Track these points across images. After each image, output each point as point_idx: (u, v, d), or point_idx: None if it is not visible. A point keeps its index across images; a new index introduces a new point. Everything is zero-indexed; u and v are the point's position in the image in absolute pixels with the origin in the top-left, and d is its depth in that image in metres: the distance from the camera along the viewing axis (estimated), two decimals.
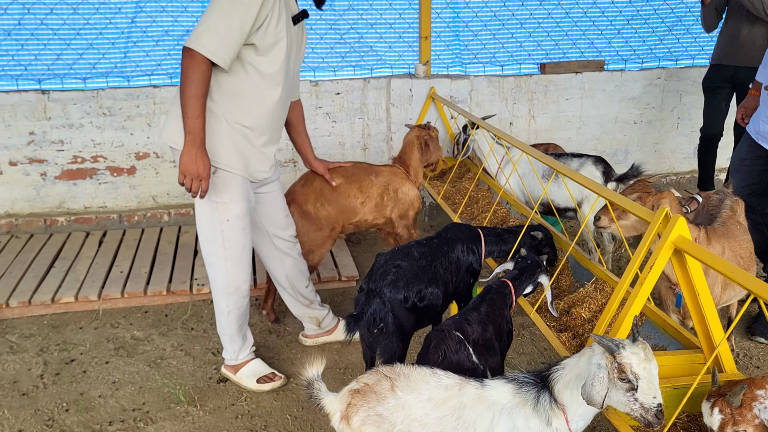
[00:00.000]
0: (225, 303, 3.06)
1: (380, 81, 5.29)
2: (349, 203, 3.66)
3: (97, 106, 4.90)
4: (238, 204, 2.84)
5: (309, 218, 3.54)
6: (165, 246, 4.78)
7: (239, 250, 2.94)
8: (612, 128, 5.81)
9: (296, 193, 3.56)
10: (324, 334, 3.65)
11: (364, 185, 3.70)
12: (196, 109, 2.52)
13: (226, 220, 2.84)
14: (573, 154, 4.32)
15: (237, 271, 2.98)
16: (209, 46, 2.48)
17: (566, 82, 5.60)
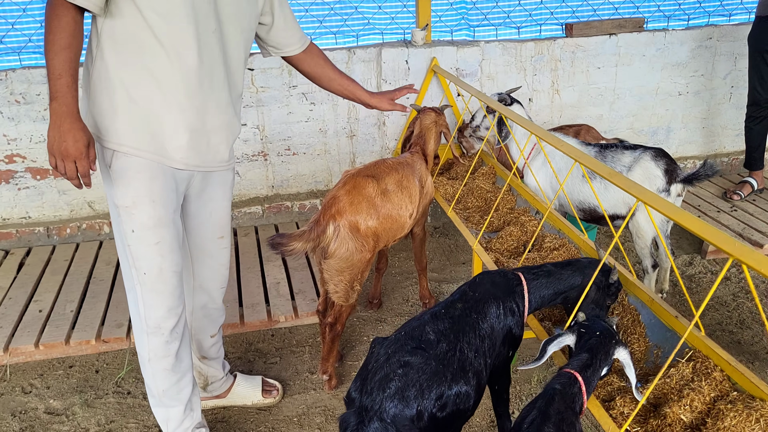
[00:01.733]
0: (144, 347, 2.27)
1: (369, 51, 4.31)
2: (400, 216, 2.91)
3: (8, 91, 3.90)
4: (144, 207, 2.10)
5: (358, 236, 2.71)
6: (102, 269, 3.86)
7: (154, 274, 2.17)
8: (652, 102, 4.87)
9: (341, 201, 2.70)
10: (212, 398, 2.86)
11: (413, 192, 2.97)
12: (56, 66, 1.88)
13: (130, 231, 2.12)
14: (626, 146, 3.40)
15: (154, 302, 2.20)
16: None
17: (598, 46, 4.63)
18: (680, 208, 1.92)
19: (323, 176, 4.56)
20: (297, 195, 4.55)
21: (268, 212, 4.47)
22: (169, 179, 2.14)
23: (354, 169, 2.89)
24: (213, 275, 2.54)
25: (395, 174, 2.93)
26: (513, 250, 3.14)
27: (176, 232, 2.21)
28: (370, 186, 2.77)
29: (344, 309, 2.84)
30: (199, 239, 2.44)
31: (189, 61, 2.02)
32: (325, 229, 2.63)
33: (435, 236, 4.51)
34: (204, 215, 2.39)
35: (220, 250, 2.50)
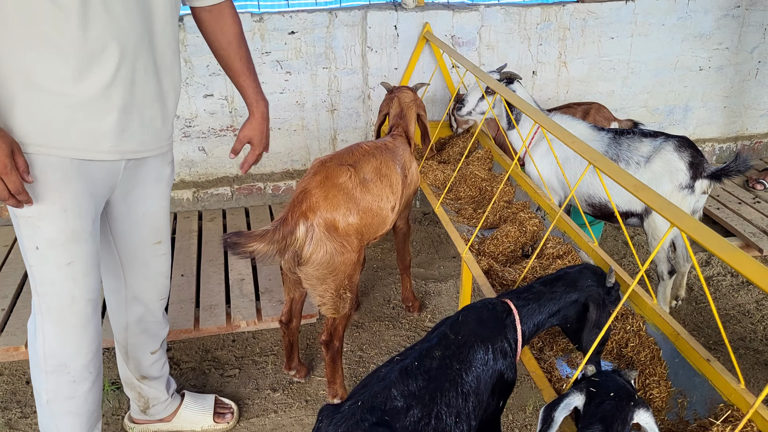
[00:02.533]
0: (43, 386, 1.90)
1: (353, 14, 3.82)
2: (381, 209, 2.48)
3: None
4: (53, 219, 1.71)
5: (336, 235, 2.26)
6: None
7: (64, 303, 1.80)
8: (669, 77, 4.39)
9: (314, 195, 2.25)
10: (155, 422, 2.48)
11: (395, 181, 2.54)
12: None
13: (34, 248, 1.74)
14: (644, 132, 2.95)
15: (59, 336, 1.83)
16: None
17: (612, 13, 4.14)
18: (695, 220, 1.50)
19: (300, 155, 4.11)
20: (271, 175, 4.11)
21: (237, 194, 4.03)
22: (88, 180, 1.75)
23: (325, 156, 2.45)
24: (149, 286, 2.16)
25: (373, 160, 2.48)
26: (509, 255, 2.72)
27: (94, 249, 1.83)
28: (346, 175, 2.32)
29: (338, 321, 2.43)
30: (131, 246, 2.06)
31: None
32: (294, 230, 2.18)
33: (423, 224, 4.08)
34: (135, 218, 2.01)
35: (156, 257, 2.13)
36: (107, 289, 2.17)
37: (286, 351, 2.70)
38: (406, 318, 3.18)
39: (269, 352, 2.95)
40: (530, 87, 4.23)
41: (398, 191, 2.55)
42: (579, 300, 1.85)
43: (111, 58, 1.63)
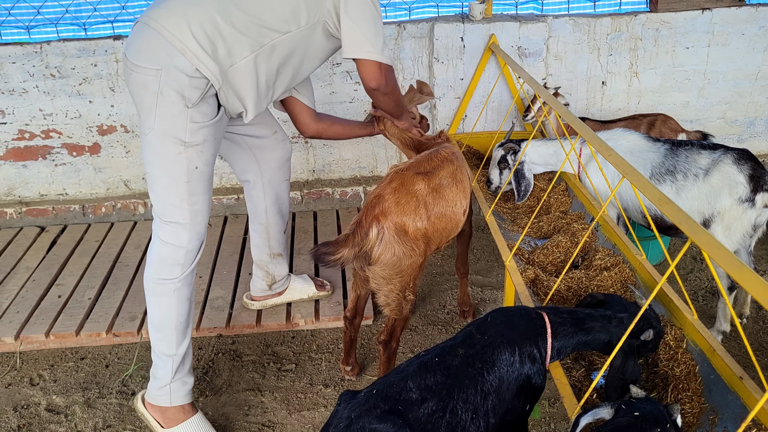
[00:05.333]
0: (175, 275, 2.42)
1: (420, 26, 3.93)
2: (455, 213, 2.58)
3: (43, 65, 3.81)
4: (210, 144, 2.39)
5: (405, 239, 2.39)
6: (129, 253, 3.74)
7: (202, 207, 2.43)
8: (750, 88, 4.24)
9: (386, 200, 2.37)
10: (273, 296, 3.23)
11: (467, 185, 2.64)
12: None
13: (194, 168, 2.35)
14: (703, 144, 2.90)
15: (200, 228, 2.45)
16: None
17: (687, 23, 4.04)
18: (713, 238, 1.49)
19: (367, 162, 4.25)
20: (339, 181, 4.28)
21: (307, 198, 4.22)
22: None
23: (403, 164, 2.55)
24: (277, 169, 2.90)
25: (450, 166, 2.56)
26: (559, 265, 2.74)
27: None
28: (420, 183, 2.42)
29: (398, 323, 2.54)
30: (257, 141, 2.80)
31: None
32: (368, 232, 2.31)
33: (486, 232, 4.11)
34: (249, 123, 2.61)
35: (277, 144, 2.86)
36: (250, 185, 2.90)
37: (346, 346, 2.83)
38: (459, 324, 3.24)
39: (325, 350, 3.09)
40: (599, 98, 4.19)
41: (469, 194, 2.64)
42: (610, 342, 1.87)
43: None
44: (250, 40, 2.26)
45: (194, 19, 2.18)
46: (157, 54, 2.16)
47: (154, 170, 2.31)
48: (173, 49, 2.15)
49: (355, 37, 2.34)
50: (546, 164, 3.25)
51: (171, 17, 2.18)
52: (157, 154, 2.27)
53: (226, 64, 2.25)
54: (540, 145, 3.20)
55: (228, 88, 2.31)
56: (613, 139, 3.11)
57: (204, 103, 2.26)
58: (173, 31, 2.15)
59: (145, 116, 2.24)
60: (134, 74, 2.21)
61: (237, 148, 2.83)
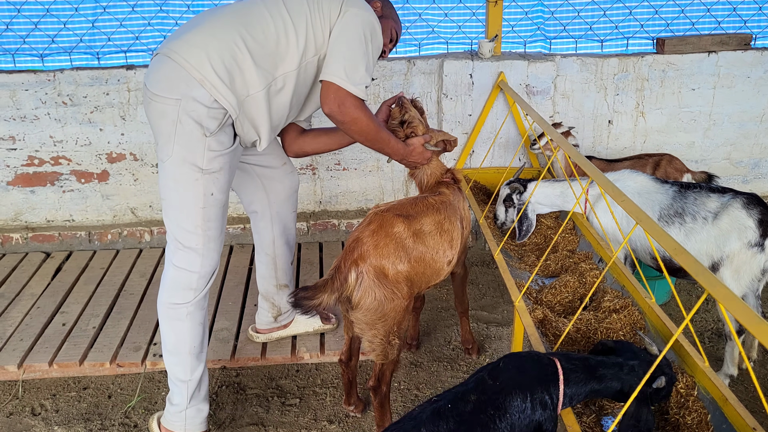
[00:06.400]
0: (187, 300, 2.46)
1: (430, 62, 3.98)
2: (435, 261, 2.54)
3: (56, 92, 3.85)
4: (226, 171, 2.45)
5: (386, 282, 2.36)
6: (135, 282, 3.73)
7: (215, 233, 2.49)
8: (755, 130, 4.28)
9: (365, 243, 2.35)
10: (278, 329, 3.22)
11: (455, 236, 2.60)
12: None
13: (210, 195, 2.40)
14: (712, 188, 2.92)
15: (213, 255, 2.50)
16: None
17: (694, 65, 4.10)
18: (728, 290, 1.49)
19: (374, 194, 4.27)
20: (345, 213, 4.29)
21: (313, 229, 4.23)
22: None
23: (384, 205, 2.54)
24: (286, 200, 2.92)
25: (435, 215, 2.53)
26: (567, 305, 2.74)
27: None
28: (400, 225, 2.41)
29: (386, 367, 2.50)
30: (267, 172, 2.83)
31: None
32: (347, 277, 2.30)
33: (492, 266, 4.12)
34: (260, 153, 2.70)
35: (286, 175, 2.88)
36: (258, 215, 2.91)
37: (346, 388, 2.81)
38: (464, 360, 3.23)
39: (330, 385, 3.07)
40: (606, 136, 4.23)
41: (457, 246, 2.61)
42: (622, 390, 1.87)
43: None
44: (265, 72, 2.34)
45: (214, 51, 2.25)
46: (177, 84, 2.23)
47: (170, 196, 2.36)
48: (192, 80, 2.23)
49: (330, 60, 2.36)
50: (552, 205, 3.27)
51: (191, 49, 2.25)
52: (174, 180, 2.32)
53: (243, 94, 2.32)
54: (546, 186, 3.22)
55: (244, 118, 2.39)
56: (621, 180, 3.13)
57: (221, 132, 2.33)
58: (193, 62, 2.23)
59: (163, 144, 2.30)
60: (153, 103, 2.27)
61: (247, 178, 2.86)
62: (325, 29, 2.40)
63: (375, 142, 2.54)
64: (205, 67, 2.23)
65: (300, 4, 2.40)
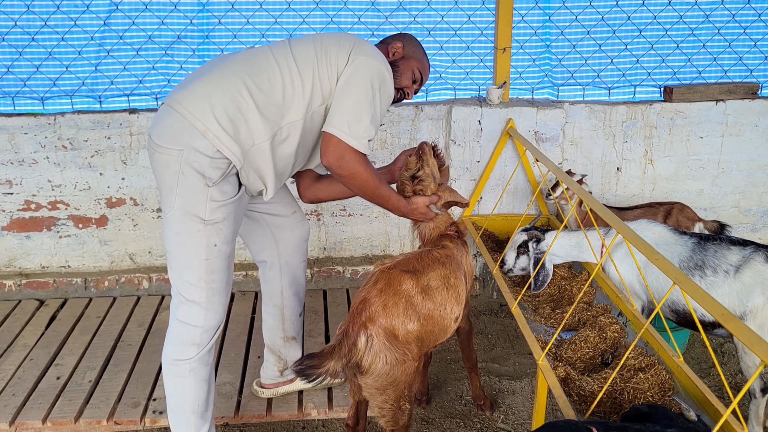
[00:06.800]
0: (191, 357, 2.38)
1: (438, 108, 3.95)
2: (443, 318, 2.43)
3: (56, 136, 3.77)
4: (230, 222, 2.39)
5: (396, 344, 2.23)
6: (132, 332, 3.60)
7: (220, 285, 2.42)
8: (763, 178, 4.27)
9: (373, 304, 2.24)
10: (284, 383, 3.08)
11: (461, 291, 2.51)
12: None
13: (213, 246, 2.34)
14: (732, 240, 2.87)
15: (217, 308, 2.43)
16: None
17: (701, 113, 4.09)
18: None
19: (380, 240, 4.19)
20: (350, 259, 4.20)
21: (317, 276, 4.13)
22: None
23: (389, 261, 2.43)
24: (295, 249, 2.84)
25: (441, 269, 2.45)
26: (588, 361, 2.64)
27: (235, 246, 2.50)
28: (408, 282, 2.30)
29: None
30: (276, 220, 2.75)
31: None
32: (356, 341, 2.17)
33: (500, 315, 4.03)
34: (270, 200, 2.59)
35: (297, 224, 2.81)
36: (267, 265, 2.82)
37: None
38: (477, 416, 3.11)
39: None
40: (614, 183, 4.19)
41: (463, 301, 2.51)
42: None
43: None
44: (270, 122, 2.30)
45: (217, 101, 2.22)
46: (180, 135, 2.20)
47: (173, 248, 2.31)
48: (195, 130, 2.20)
49: (334, 111, 2.30)
50: (567, 256, 3.20)
51: (195, 100, 2.23)
52: (176, 231, 2.28)
53: (248, 144, 2.28)
54: (562, 237, 3.15)
55: (249, 168, 2.33)
56: (639, 231, 3.06)
57: (225, 182, 2.28)
58: (196, 113, 2.20)
59: (166, 195, 2.26)
60: (157, 154, 2.25)
61: (256, 227, 2.78)
62: (332, 78, 2.34)
63: (374, 198, 2.49)
64: (208, 118, 2.20)
65: (307, 52, 2.36)
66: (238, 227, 2.43)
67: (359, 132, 2.28)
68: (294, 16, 3.86)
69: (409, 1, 3.94)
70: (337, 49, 2.35)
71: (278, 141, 2.35)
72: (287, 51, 2.35)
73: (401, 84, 2.59)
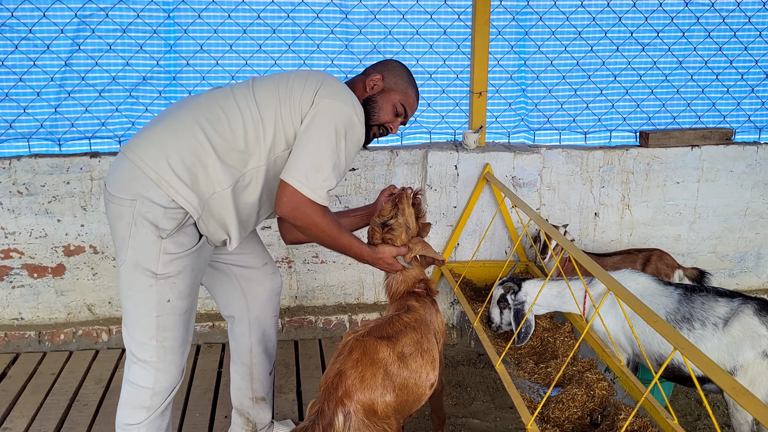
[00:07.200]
0: (140, 421, 2.24)
1: (413, 153, 3.87)
2: (418, 386, 2.22)
3: (10, 181, 3.58)
4: (186, 276, 2.26)
5: (376, 420, 2.03)
6: (89, 390, 3.39)
7: (175, 343, 2.27)
8: (739, 223, 4.26)
9: (349, 377, 2.03)
10: None
11: (435, 355, 2.32)
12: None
13: (166, 302, 2.20)
14: (719, 291, 2.80)
15: (170, 369, 2.28)
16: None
17: (677, 158, 4.09)
18: None
19: (354, 288, 4.05)
20: (323, 308, 4.04)
21: (288, 326, 3.96)
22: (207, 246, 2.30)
23: (361, 328, 2.21)
24: (266, 303, 2.65)
25: (414, 333, 2.24)
26: (576, 422, 2.53)
27: (197, 299, 2.33)
28: (385, 350, 2.10)
29: None
30: (245, 271, 2.57)
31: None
32: (333, 421, 1.96)
33: (478, 366, 3.89)
34: (238, 253, 2.49)
35: (267, 277, 2.62)
36: (235, 320, 2.63)
37: None
38: None
39: None
40: (592, 229, 4.14)
41: (437, 366, 2.32)
42: None
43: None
44: (231, 168, 2.18)
45: (172, 149, 2.11)
46: (133, 185, 2.09)
47: (125, 303, 2.19)
48: (148, 179, 2.09)
49: (292, 158, 2.17)
50: (549, 306, 3.10)
51: (148, 148, 2.12)
52: (128, 286, 2.16)
53: (208, 192, 2.16)
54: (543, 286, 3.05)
55: (209, 217, 2.21)
56: (622, 281, 2.97)
57: (181, 233, 2.16)
58: (149, 161, 2.09)
59: (119, 247, 2.15)
60: (111, 204, 2.15)
61: (223, 279, 2.61)
62: (295, 121, 2.21)
63: (334, 247, 2.34)
64: (162, 166, 2.09)
65: (269, 95, 2.23)
66: (197, 280, 2.29)
67: (317, 182, 2.14)
68: (265, 58, 3.76)
69: (384, 45, 3.88)
70: (302, 90, 2.23)
71: (240, 188, 2.22)
72: (249, 93, 2.24)
73: (381, 120, 2.43)
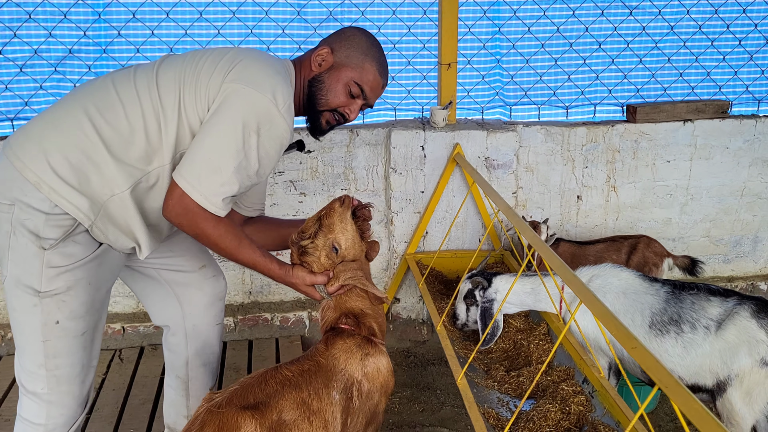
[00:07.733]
0: None
1: (376, 132, 3.50)
2: None
3: None
4: (79, 292, 1.93)
5: None
6: None
7: (71, 371, 1.95)
8: (735, 205, 3.92)
9: None
10: None
11: (329, 417, 1.78)
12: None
13: (54, 323, 1.89)
14: (712, 289, 2.49)
15: (66, 401, 1.96)
16: None
17: (668, 135, 3.74)
18: None
19: None
20: (280, 304, 3.70)
21: (241, 325, 3.63)
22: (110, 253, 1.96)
23: (221, 394, 1.71)
24: (204, 311, 2.28)
25: (295, 392, 1.75)
26: None
27: (102, 317, 2.00)
28: (248, 424, 1.60)
29: None
30: (179, 276, 2.22)
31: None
32: None
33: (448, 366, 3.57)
34: (168, 254, 2.16)
35: (206, 281, 2.27)
36: (170, 330, 2.28)
37: None
38: None
39: None
40: (575, 213, 3.80)
41: (337, 429, 1.81)
42: None
43: None
44: (129, 168, 1.83)
45: (52, 145, 1.76)
46: (10, 188, 1.77)
47: (12, 326, 1.89)
48: (26, 182, 1.75)
49: (187, 157, 1.81)
50: (522, 304, 2.78)
51: (26, 143, 1.78)
52: (12, 306, 1.86)
53: (104, 194, 1.82)
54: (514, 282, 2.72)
55: (106, 223, 1.86)
56: (602, 277, 2.66)
57: (69, 242, 1.82)
58: (26, 160, 1.76)
59: (0, 259, 1.84)
60: None
61: (153, 285, 2.24)
62: (201, 109, 1.84)
63: (236, 262, 1.95)
64: (40, 166, 1.75)
65: (173, 78, 1.85)
66: (99, 295, 1.94)
67: (212, 187, 1.78)
68: (207, 27, 3.37)
69: (341, 11, 3.49)
70: (212, 70, 1.84)
71: (144, 189, 1.87)
72: (152, 74, 1.86)
73: (331, 103, 2.00)
